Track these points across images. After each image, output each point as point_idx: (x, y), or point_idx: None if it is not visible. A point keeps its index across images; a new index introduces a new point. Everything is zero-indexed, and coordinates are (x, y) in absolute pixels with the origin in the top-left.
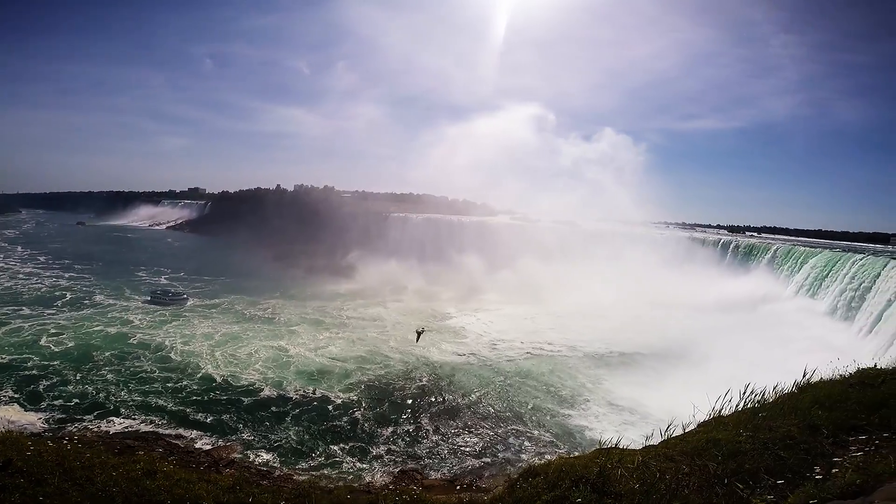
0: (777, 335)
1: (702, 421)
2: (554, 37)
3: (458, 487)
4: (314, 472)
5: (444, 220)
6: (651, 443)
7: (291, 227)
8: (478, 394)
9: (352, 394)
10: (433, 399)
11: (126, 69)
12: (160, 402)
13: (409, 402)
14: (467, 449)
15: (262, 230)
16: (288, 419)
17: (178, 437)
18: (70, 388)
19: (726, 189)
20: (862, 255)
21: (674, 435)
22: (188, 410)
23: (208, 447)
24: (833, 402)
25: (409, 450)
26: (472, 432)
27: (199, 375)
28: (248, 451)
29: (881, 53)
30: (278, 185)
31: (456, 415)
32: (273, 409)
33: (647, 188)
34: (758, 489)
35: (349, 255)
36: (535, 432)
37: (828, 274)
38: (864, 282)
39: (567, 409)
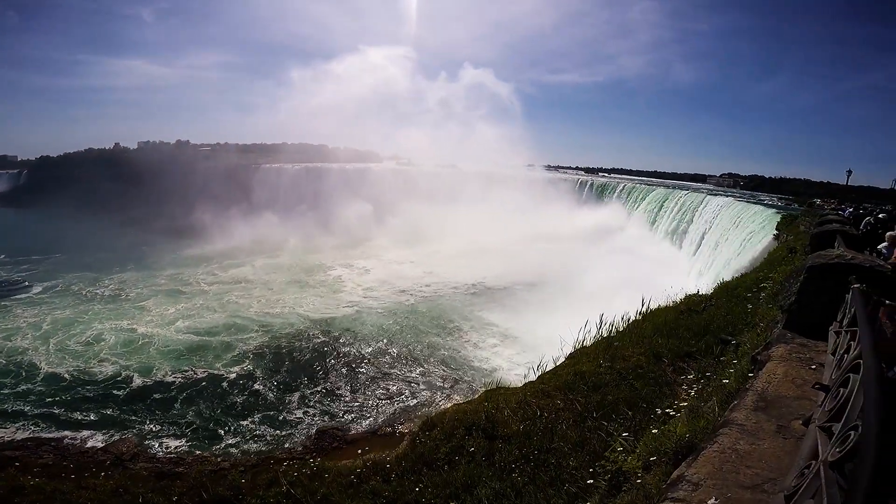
0: (626, 260)
1: (569, 353)
2: None
3: (379, 434)
4: (232, 450)
5: (325, 169)
6: (530, 379)
7: (140, 188)
8: (376, 342)
9: (241, 366)
10: (332, 356)
11: None
12: (14, 408)
13: (309, 363)
14: (381, 398)
15: (103, 195)
16: (178, 405)
17: (66, 438)
18: None
19: (584, 135)
20: (685, 192)
21: (547, 370)
22: (56, 412)
23: (101, 444)
24: (669, 329)
25: (325, 409)
26: (381, 381)
27: (40, 376)
28: (152, 441)
29: (717, 23)
30: (117, 144)
31: (361, 366)
32: (156, 396)
33: (518, 131)
34: (619, 421)
35: (213, 214)
36: (437, 370)
37: (661, 207)
38: (687, 214)
39: (459, 344)
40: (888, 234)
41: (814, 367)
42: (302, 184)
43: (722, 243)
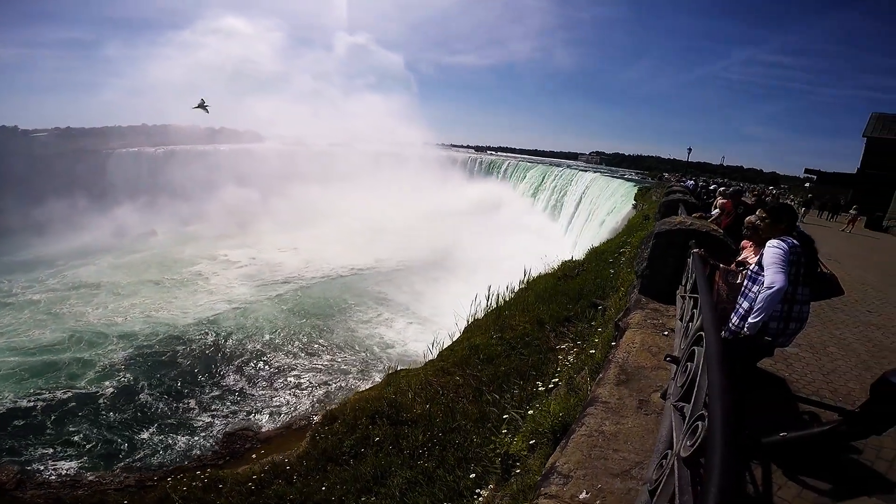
0: (513, 233)
1: (465, 327)
2: None
3: (295, 429)
4: (136, 464)
5: (197, 152)
6: (430, 356)
7: None
8: (268, 336)
9: (113, 381)
10: (222, 357)
11: None
12: None
13: (198, 368)
14: (287, 392)
15: None
16: (52, 428)
17: None
18: None
19: (475, 115)
20: (561, 169)
21: (446, 346)
22: None
23: None
24: (549, 295)
25: (230, 412)
26: (283, 374)
27: None
28: (38, 466)
29: (597, 12)
30: None
31: (258, 364)
32: (18, 423)
33: (415, 110)
34: (512, 392)
35: (52, 209)
36: (343, 354)
37: (541, 183)
38: (562, 189)
39: (357, 326)
40: (718, 201)
41: (666, 333)
42: (169, 169)
43: (591, 214)
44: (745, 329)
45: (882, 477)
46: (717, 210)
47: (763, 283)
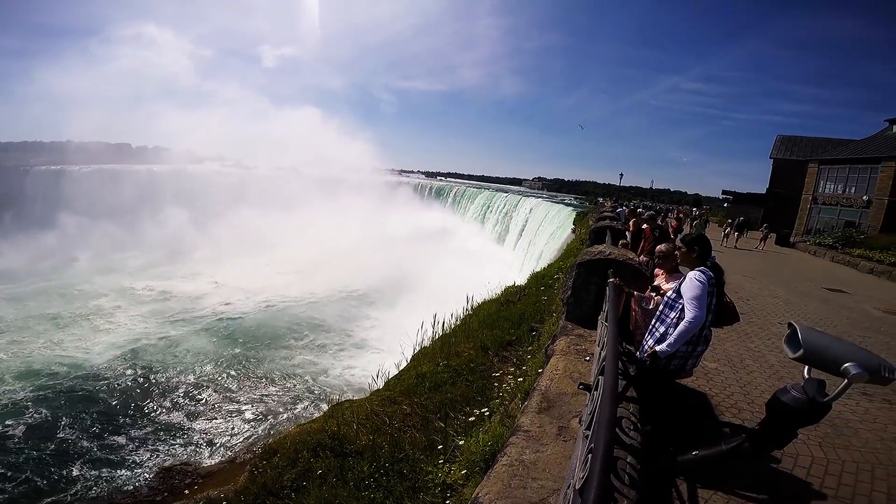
0: (461, 258)
1: (412, 355)
2: None
3: (239, 463)
4: (66, 501)
5: (127, 171)
6: (377, 386)
7: None
8: (200, 369)
9: (22, 419)
10: (151, 392)
11: None
12: None
13: (123, 405)
14: (229, 425)
15: None
16: None
17: None
18: None
19: (426, 140)
20: (506, 195)
21: (392, 375)
22: None
23: None
24: (492, 321)
25: (166, 446)
26: (229, 406)
27: None
28: None
29: (541, 42)
30: None
31: (200, 397)
32: None
33: (366, 135)
34: (458, 419)
35: None
36: (284, 386)
37: (487, 209)
38: (507, 213)
39: (299, 356)
40: (631, 223)
41: (588, 358)
42: (97, 189)
43: (534, 239)
44: (658, 353)
45: (801, 482)
46: (628, 232)
47: (680, 310)
